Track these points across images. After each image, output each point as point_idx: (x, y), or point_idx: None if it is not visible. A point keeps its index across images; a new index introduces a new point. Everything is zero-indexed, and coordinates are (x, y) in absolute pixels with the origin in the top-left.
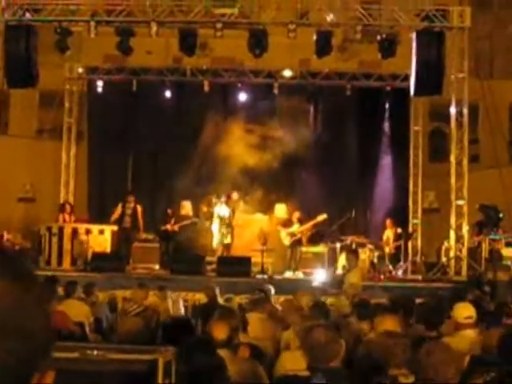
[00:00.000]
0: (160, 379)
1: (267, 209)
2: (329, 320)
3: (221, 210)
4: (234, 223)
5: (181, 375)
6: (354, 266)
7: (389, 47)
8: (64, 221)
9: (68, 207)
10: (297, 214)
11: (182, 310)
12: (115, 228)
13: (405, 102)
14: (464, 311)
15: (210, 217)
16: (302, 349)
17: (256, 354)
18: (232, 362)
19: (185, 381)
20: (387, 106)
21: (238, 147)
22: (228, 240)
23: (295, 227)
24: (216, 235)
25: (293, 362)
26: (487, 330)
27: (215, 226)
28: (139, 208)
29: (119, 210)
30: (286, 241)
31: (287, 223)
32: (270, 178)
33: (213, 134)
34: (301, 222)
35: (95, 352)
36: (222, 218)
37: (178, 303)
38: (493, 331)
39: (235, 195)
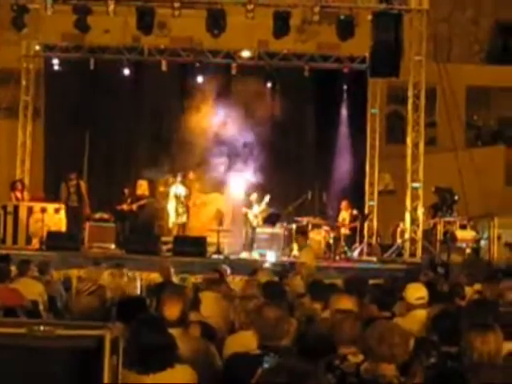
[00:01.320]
0: (107, 355)
1: (224, 189)
2: (284, 300)
3: (177, 189)
4: (191, 203)
5: (130, 353)
6: (304, 247)
7: (347, 29)
8: (16, 199)
9: (19, 185)
10: (254, 196)
11: (138, 289)
12: None
13: (363, 84)
14: (415, 292)
15: (167, 196)
16: (252, 327)
17: (208, 333)
18: (183, 341)
19: (134, 358)
20: (345, 87)
21: (196, 127)
22: (184, 219)
23: (255, 209)
24: (172, 215)
25: (243, 341)
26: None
27: (171, 206)
28: (83, 184)
29: (64, 189)
30: (255, 222)
31: (248, 205)
32: (228, 159)
33: (170, 114)
34: (257, 203)
35: (42, 328)
36: (178, 198)
37: (134, 281)
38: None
39: (191, 174)
